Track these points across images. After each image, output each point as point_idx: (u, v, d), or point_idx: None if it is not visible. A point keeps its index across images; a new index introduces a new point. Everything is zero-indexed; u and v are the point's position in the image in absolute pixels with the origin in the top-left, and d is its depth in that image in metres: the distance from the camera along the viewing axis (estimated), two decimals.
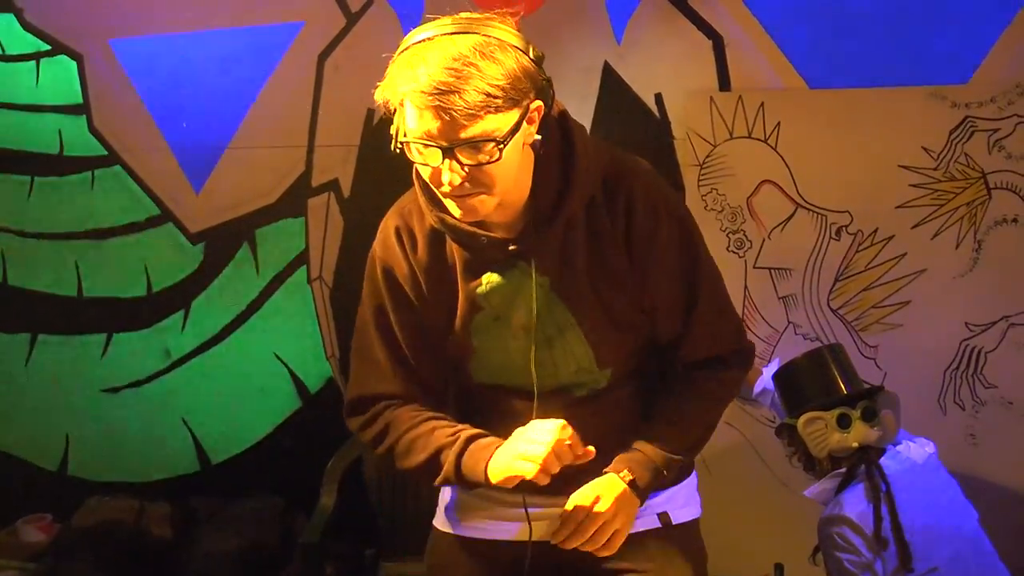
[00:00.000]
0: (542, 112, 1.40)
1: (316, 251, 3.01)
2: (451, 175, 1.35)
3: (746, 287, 2.69)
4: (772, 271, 2.68)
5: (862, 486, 2.05)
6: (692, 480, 1.72)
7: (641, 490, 1.54)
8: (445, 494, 1.74)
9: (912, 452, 2.10)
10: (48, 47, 3.04)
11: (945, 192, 2.56)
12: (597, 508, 1.50)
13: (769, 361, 2.63)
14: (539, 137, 1.41)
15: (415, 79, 1.30)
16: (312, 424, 3.09)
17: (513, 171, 1.41)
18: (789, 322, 2.69)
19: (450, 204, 1.43)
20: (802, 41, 2.59)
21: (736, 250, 2.69)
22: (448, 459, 1.51)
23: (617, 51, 2.70)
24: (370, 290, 1.60)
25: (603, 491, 1.52)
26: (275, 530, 2.96)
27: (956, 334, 2.60)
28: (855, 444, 2.07)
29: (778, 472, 2.65)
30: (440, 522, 1.72)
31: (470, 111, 1.30)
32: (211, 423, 3.18)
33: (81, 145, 3.08)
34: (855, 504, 2.03)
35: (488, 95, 1.30)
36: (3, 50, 3.07)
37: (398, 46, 1.38)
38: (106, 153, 3.07)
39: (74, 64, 3.03)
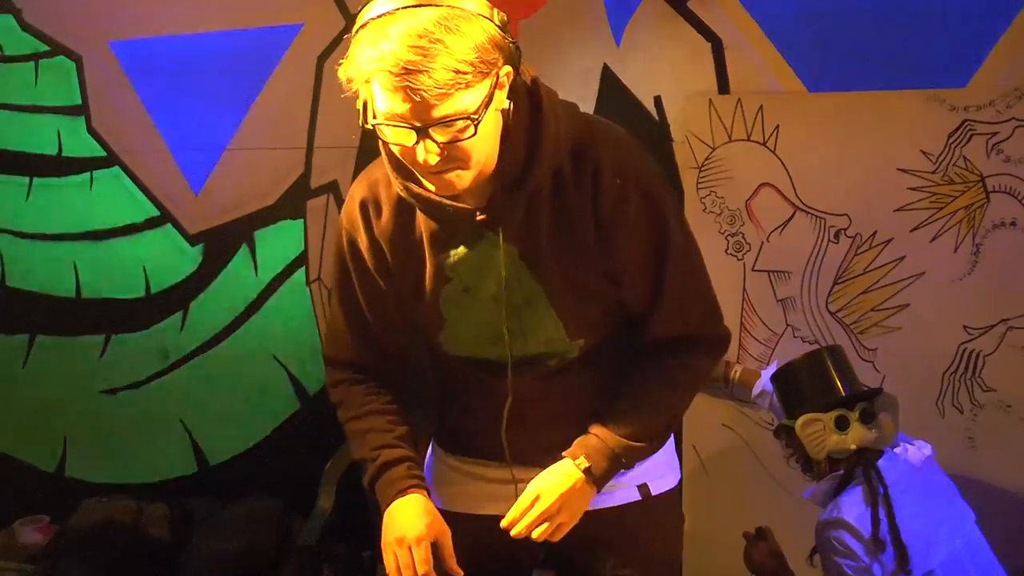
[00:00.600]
0: (512, 78, 1.37)
1: (315, 253, 3.01)
2: (426, 154, 1.33)
3: (745, 290, 2.69)
4: (771, 274, 2.69)
5: (860, 489, 2.04)
6: (669, 447, 1.71)
7: (597, 478, 1.54)
8: (428, 463, 1.77)
9: (910, 454, 2.10)
10: (47, 48, 3.04)
11: (944, 195, 2.56)
12: (538, 505, 1.52)
13: (768, 364, 2.64)
14: (509, 103, 1.37)
15: (380, 59, 1.26)
16: (310, 426, 3.09)
17: (488, 142, 1.38)
18: (788, 325, 2.69)
19: (425, 180, 1.42)
20: (801, 44, 2.60)
21: (735, 253, 2.69)
22: (367, 476, 1.60)
23: (616, 53, 2.71)
24: (336, 262, 1.62)
25: (551, 484, 1.53)
26: (273, 532, 2.95)
27: (955, 337, 2.60)
28: (853, 446, 2.07)
29: (776, 474, 2.65)
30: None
31: (440, 90, 1.26)
32: (209, 424, 3.18)
33: (80, 146, 3.08)
34: (853, 507, 2.02)
35: (457, 71, 1.26)
36: (2, 51, 3.07)
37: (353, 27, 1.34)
38: (105, 154, 3.07)
39: (73, 65, 3.03)
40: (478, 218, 1.45)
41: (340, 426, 1.69)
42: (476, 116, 1.31)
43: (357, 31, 1.32)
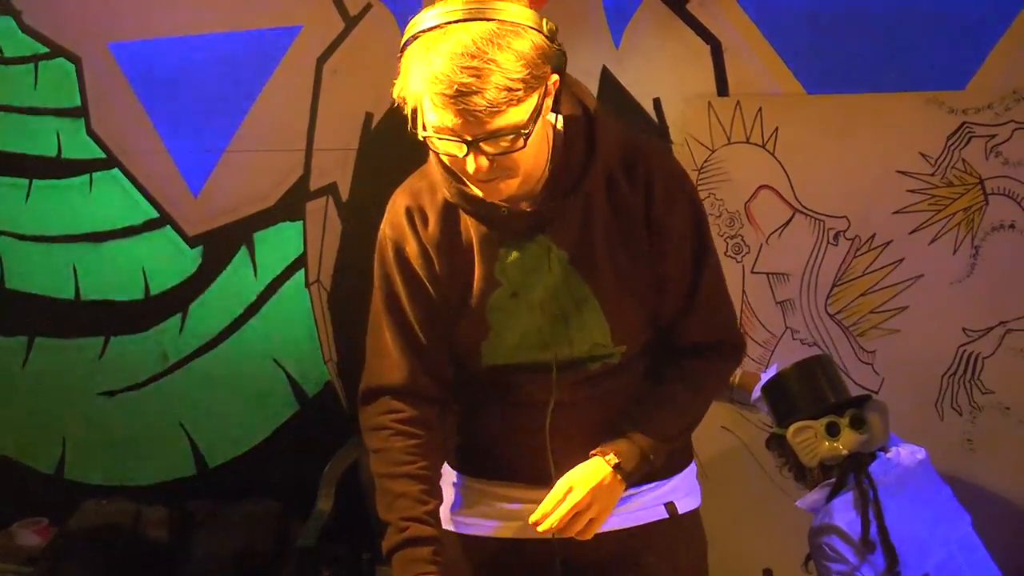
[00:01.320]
0: (558, 84, 1.39)
1: (314, 255, 3.01)
2: (476, 166, 1.35)
3: (744, 292, 2.69)
4: (770, 276, 2.69)
5: (851, 494, 2.05)
6: (692, 469, 1.72)
7: (627, 474, 1.53)
8: (444, 491, 1.72)
9: (902, 458, 2.10)
10: (46, 50, 3.03)
11: (943, 198, 2.56)
12: (571, 497, 1.50)
13: (767, 367, 2.64)
14: (555, 115, 1.42)
15: (433, 80, 1.28)
16: (309, 428, 3.09)
17: (536, 149, 1.41)
18: (787, 327, 2.69)
19: (474, 186, 1.44)
20: (800, 46, 2.60)
21: (734, 255, 2.69)
22: (387, 541, 1.56)
23: (615, 55, 2.71)
24: (381, 273, 1.57)
25: (582, 478, 1.52)
26: (272, 534, 2.95)
27: (953, 339, 2.60)
28: (845, 451, 2.08)
29: (775, 477, 2.65)
30: (445, 522, 1.70)
31: (493, 109, 1.28)
32: (208, 427, 3.18)
33: (79, 148, 3.07)
34: (843, 512, 2.03)
35: (509, 90, 1.28)
36: (1, 52, 3.06)
37: (401, 39, 1.36)
38: (104, 156, 3.07)
39: (72, 67, 3.03)
40: (532, 218, 1.46)
41: (363, 450, 1.66)
42: (527, 130, 1.33)
43: (407, 44, 1.34)
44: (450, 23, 1.30)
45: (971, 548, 2.08)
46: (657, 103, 2.71)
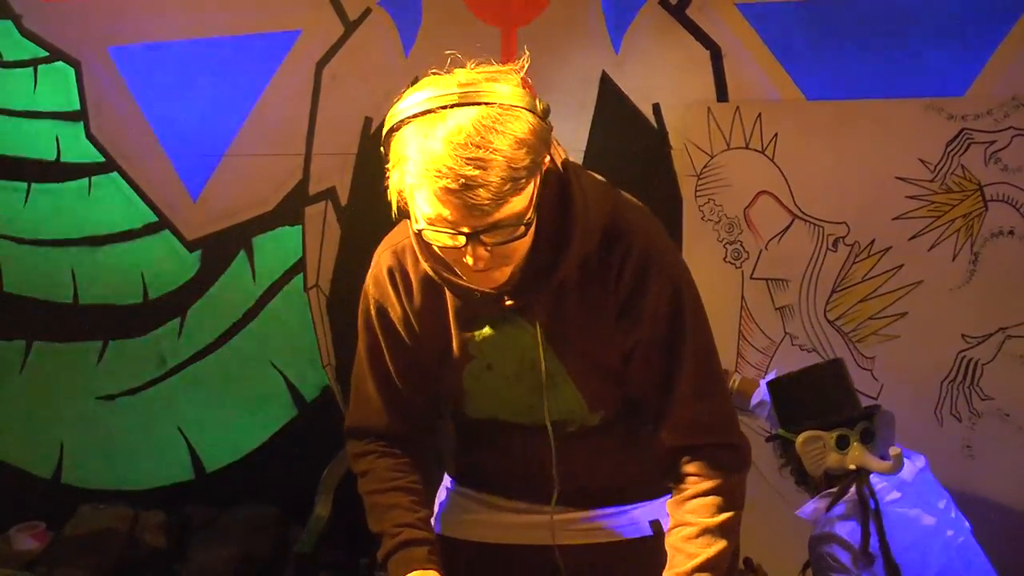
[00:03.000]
0: (548, 163, 1.32)
1: (313, 259, 3.01)
2: (476, 259, 1.27)
3: (743, 298, 2.69)
4: (769, 282, 2.69)
5: (851, 504, 2.06)
6: None
7: None
8: (441, 497, 1.76)
9: (903, 469, 2.10)
10: (46, 53, 3.04)
11: (942, 204, 2.56)
12: None
13: (766, 372, 2.64)
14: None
15: (435, 173, 1.19)
16: (308, 433, 3.08)
17: (531, 236, 1.33)
18: (786, 333, 2.69)
19: (466, 276, 1.37)
20: (800, 52, 2.60)
21: (733, 261, 2.69)
22: (383, 549, 1.55)
23: (615, 61, 2.71)
24: (364, 326, 1.57)
25: None
26: (269, 539, 2.95)
27: (953, 346, 2.60)
28: (852, 467, 2.08)
29: (773, 482, 2.65)
30: (445, 528, 1.72)
31: (497, 200, 1.21)
32: (206, 431, 3.18)
33: (78, 152, 3.08)
34: (844, 522, 2.04)
35: (514, 180, 1.21)
36: (1, 56, 3.07)
37: (385, 123, 1.28)
38: (103, 160, 3.07)
39: (72, 71, 3.03)
40: (507, 303, 1.41)
41: (357, 483, 1.64)
42: (529, 218, 1.27)
43: (392, 129, 1.27)
44: (442, 108, 1.22)
45: (972, 555, 2.08)
46: (657, 109, 2.71)
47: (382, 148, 1.31)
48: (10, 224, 3.17)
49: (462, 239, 1.26)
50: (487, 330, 1.47)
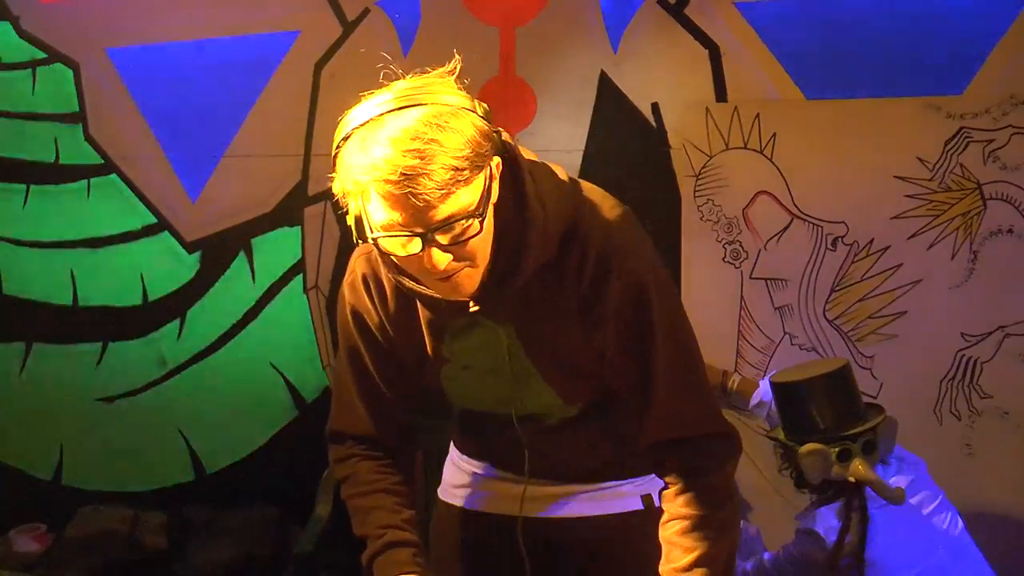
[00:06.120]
0: (501, 168, 1.33)
1: (312, 260, 3.01)
2: (434, 260, 1.28)
3: (742, 298, 2.69)
4: (768, 282, 2.69)
5: (839, 504, 2.09)
6: None
7: None
8: (448, 469, 1.82)
9: (900, 481, 2.12)
10: (44, 55, 3.04)
11: (941, 203, 2.56)
12: None
13: (765, 372, 2.64)
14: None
15: (375, 167, 1.22)
16: (308, 434, 3.08)
17: (490, 236, 1.34)
18: (785, 333, 2.69)
19: (431, 287, 1.38)
20: (798, 52, 2.60)
21: (732, 261, 2.69)
22: (367, 552, 1.57)
23: (613, 60, 2.71)
24: (344, 329, 1.59)
25: None
26: (270, 540, 2.95)
27: (952, 344, 2.60)
28: (852, 479, 2.09)
29: (773, 482, 2.65)
30: (444, 494, 1.80)
31: (441, 190, 1.22)
32: (206, 432, 3.18)
33: (77, 153, 3.08)
34: (826, 519, 2.08)
35: (455, 168, 1.22)
36: None
37: (334, 139, 1.32)
38: (102, 161, 3.07)
39: (70, 72, 3.03)
40: (472, 309, 1.41)
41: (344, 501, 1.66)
42: (480, 212, 1.27)
43: (341, 143, 1.30)
44: (385, 112, 1.26)
45: (963, 552, 2.10)
46: (655, 108, 2.71)
47: (332, 173, 1.33)
48: (9, 226, 3.18)
49: (417, 242, 1.27)
50: (459, 335, 1.50)
